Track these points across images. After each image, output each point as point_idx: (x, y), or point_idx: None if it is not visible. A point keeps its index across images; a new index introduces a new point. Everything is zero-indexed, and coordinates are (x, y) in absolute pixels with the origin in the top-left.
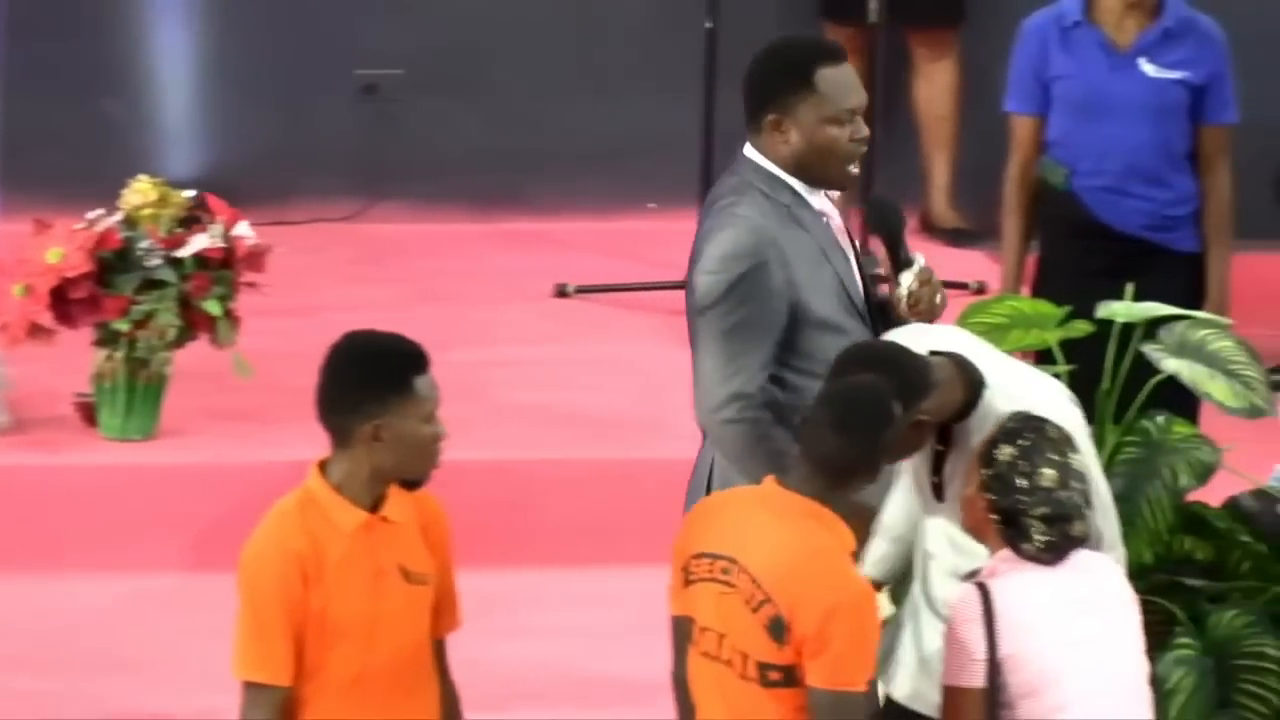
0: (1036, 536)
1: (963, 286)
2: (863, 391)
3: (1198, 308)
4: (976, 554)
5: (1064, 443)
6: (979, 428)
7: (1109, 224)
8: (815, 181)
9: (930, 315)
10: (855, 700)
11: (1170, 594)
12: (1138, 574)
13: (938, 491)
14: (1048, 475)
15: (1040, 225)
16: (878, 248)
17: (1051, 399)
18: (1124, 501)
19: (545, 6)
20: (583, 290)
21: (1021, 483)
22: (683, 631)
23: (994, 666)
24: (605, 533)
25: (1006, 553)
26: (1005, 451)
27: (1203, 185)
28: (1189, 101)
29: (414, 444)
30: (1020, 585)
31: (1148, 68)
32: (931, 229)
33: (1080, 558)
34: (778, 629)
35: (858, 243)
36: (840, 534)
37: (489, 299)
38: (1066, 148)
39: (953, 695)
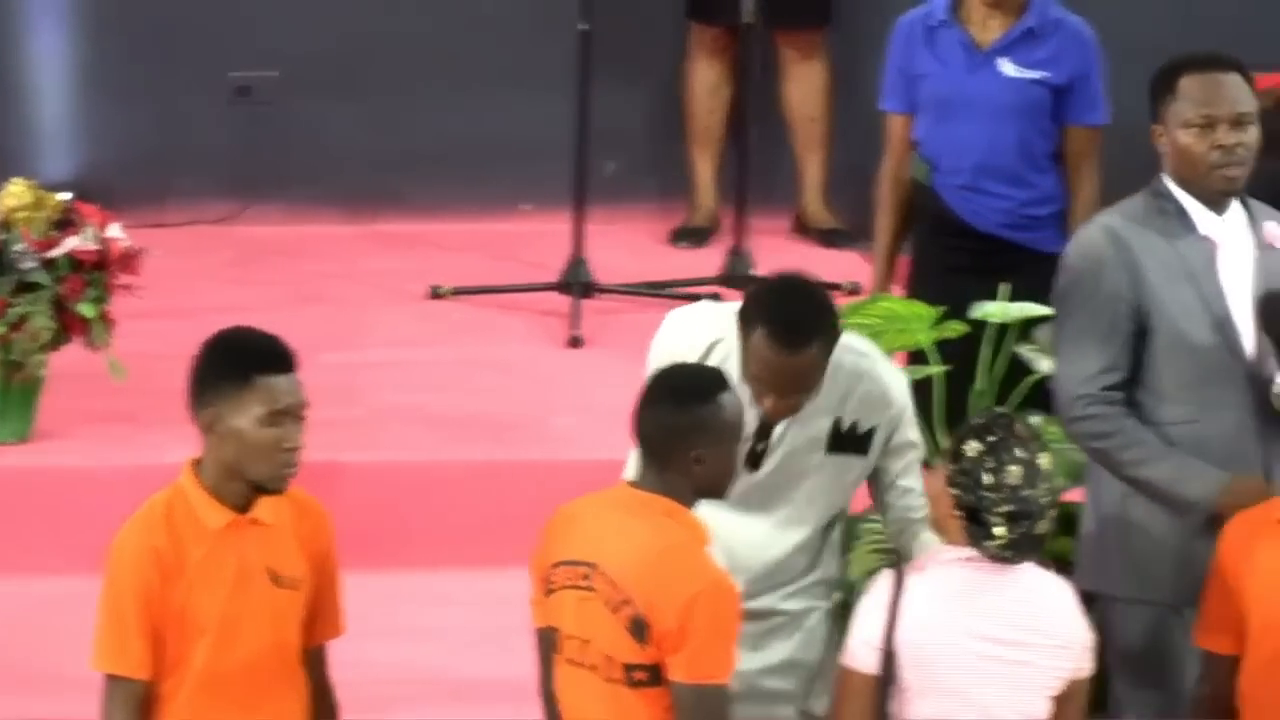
0: (997, 533)
1: (836, 287)
2: (676, 368)
3: None
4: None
5: (1032, 441)
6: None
7: (969, 222)
8: (1192, 189)
9: None
10: (718, 693)
11: None
12: None
13: (755, 460)
14: (1014, 473)
15: (914, 223)
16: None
17: (892, 365)
18: None
19: (419, 9)
20: (458, 292)
21: (987, 479)
22: (547, 643)
23: (889, 656)
24: (482, 534)
25: (947, 551)
26: (972, 447)
27: (1069, 185)
28: (1051, 101)
29: (248, 443)
30: (939, 586)
31: (1006, 67)
32: (805, 230)
33: (1032, 583)
34: (639, 628)
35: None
36: (694, 528)
37: (364, 301)
38: (927, 146)
39: (844, 675)
